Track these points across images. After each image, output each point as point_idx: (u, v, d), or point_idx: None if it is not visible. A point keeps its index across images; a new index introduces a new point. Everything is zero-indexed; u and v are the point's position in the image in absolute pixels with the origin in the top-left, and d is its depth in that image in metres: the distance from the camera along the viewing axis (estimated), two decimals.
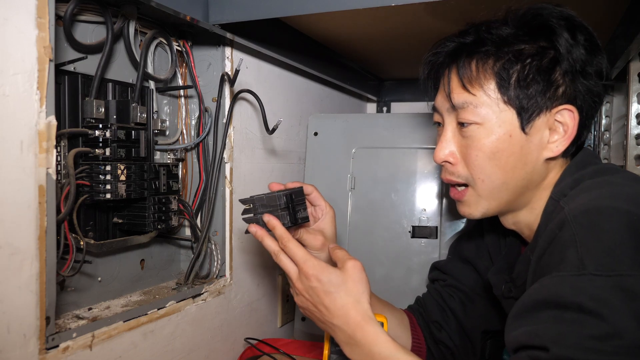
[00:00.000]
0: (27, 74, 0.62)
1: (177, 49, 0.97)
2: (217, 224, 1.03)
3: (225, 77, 0.99)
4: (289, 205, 0.77)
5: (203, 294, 0.97)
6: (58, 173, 0.73)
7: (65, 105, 0.78)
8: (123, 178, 0.81)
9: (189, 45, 1.00)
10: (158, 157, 0.95)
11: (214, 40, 1.01)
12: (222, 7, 0.89)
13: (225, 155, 1.03)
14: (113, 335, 0.77)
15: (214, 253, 1.02)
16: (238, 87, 1.01)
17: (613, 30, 1.11)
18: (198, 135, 1.00)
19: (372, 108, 1.90)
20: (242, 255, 1.09)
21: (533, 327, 0.56)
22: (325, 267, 0.73)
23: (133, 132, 0.83)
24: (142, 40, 0.90)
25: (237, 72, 0.97)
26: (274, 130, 0.98)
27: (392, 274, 1.22)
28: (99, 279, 0.85)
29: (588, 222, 0.58)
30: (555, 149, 0.71)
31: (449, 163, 0.76)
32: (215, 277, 1.02)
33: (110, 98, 0.85)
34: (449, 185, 0.79)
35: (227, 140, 1.02)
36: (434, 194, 1.23)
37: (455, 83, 0.73)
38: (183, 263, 1.05)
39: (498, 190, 0.73)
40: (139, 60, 0.88)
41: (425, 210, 1.22)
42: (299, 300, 0.76)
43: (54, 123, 0.65)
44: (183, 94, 1.01)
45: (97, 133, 0.78)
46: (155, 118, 0.91)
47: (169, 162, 0.97)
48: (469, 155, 0.72)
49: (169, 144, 0.98)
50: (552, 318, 0.55)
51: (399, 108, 1.86)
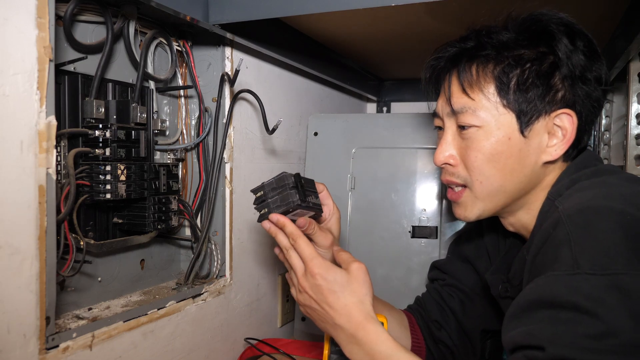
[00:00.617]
0: (27, 74, 0.62)
1: (177, 49, 0.97)
2: (217, 224, 1.03)
3: (225, 77, 0.99)
4: (298, 185, 0.76)
5: (203, 294, 0.97)
6: (58, 173, 0.73)
7: (65, 105, 0.78)
8: (123, 178, 0.81)
9: (189, 45, 1.00)
10: (158, 157, 0.95)
11: (214, 40, 1.01)
12: (222, 7, 0.89)
13: (225, 155, 1.03)
14: (113, 335, 0.77)
15: (214, 253, 1.02)
16: (238, 87, 1.01)
17: (613, 31, 1.11)
18: (198, 135, 1.01)
19: (372, 108, 1.90)
20: (242, 255, 1.09)
21: (529, 327, 0.56)
22: (331, 266, 0.73)
23: (133, 132, 0.83)
24: (142, 40, 0.90)
25: (237, 72, 0.97)
26: (274, 130, 0.98)
27: (392, 274, 1.22)
28: (99, 279, 0.85)
29: (582, 221, 0.59)
30: (554, 153, 0.71)
31: (449, 165, 0.76)
32: (215, 277, 1.02)
33: (110, 98, 0.85)
34: (448, 187, 0.80)
35: (227, 140, 1.02)
36: (434, 194, 1.23)
37: (456, 87, 0.74)
38: (183, 263, 1.05)
39: (495, 193, 0.73)
40: (139, 60, 0.88)
41: (425, 210, 1.22)
42: (302, 298, 0.76)
43: (54, 123, 0.65)
44: (183, 94, 1.01)
45: (97, 133, 0.79)
46: (155, 118, 0.91)
47: (169, 162, 0.97)
48: (469, 157, 0.73)
49: (169, 144, 0.98)
50: (547, 318, 0.55)
51: (399, 108, 1.86)
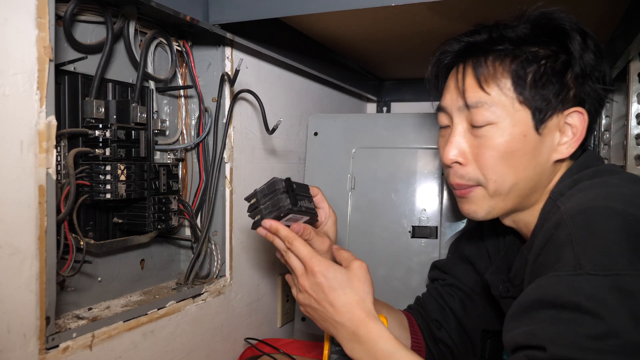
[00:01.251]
0: (27, 74, 0.62)
1: (177, 49, 0.97)
2: (217, 224, 1.03)
3: (225, 77, 0.99)
4: (288, 189, 0.76)
5: (203, 294, 0.97)
6: (58, 173, 0.73)
7: (65, 105, 0.78)
8: (123, 178, 0.81)
9: (189, 45, 1.00)
10: (158, 157, 0.95)
11: (214, 40, 1.01)
12: (222, 7, 0.89)
13: (225, 155, 1.03)
14: (113, 335, 0.77)
15: (214, 253, 1.02)
16: (238, 87, 1.01)
17: (613, 31, 1.11)
18: (198, 135, 1.00)
19: (372, 108, 1.90)
20: (242, 255, 1.09)
21: (530, 327, 0.56)
22: (331, 264, 0.73)
23: (133, 132, 0.83)
24: (142, 40, 0.90)
25: (237, 72, 0.97)
26: (274, 130, 0.98)
27: (392, 274, 1.22)
28: (99, 279, 0.85)
29: (584, 221, 0.59)
30: (565, 151, 0.71)
31: (458, 164, 0.73)
32: (215, 277, 1.02)
33: (110, 98, 0.85)
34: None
35: (227, 140, 1.02)
36: (434, 194, 1.23)
37: (470, 81, 0.72)
38: (183, 263, 1.05)
39: (508, 191, 0.72)
40: (139, 60, 0.88)
41: (425, 210, 1.22)
42: (302, 298, 0.76)
43: (54, 123, 0.65)
44: (183, 94, 1.01)
45: (97, 133, 0.79)
46: (155, 118, 0.91)
47: (169, 162, 0.97)
48: (482, 155, 0.71)
49: (169, 144, 0.98)
50: (549, 318, 0.55)
51: (399, 108, 1.86)
